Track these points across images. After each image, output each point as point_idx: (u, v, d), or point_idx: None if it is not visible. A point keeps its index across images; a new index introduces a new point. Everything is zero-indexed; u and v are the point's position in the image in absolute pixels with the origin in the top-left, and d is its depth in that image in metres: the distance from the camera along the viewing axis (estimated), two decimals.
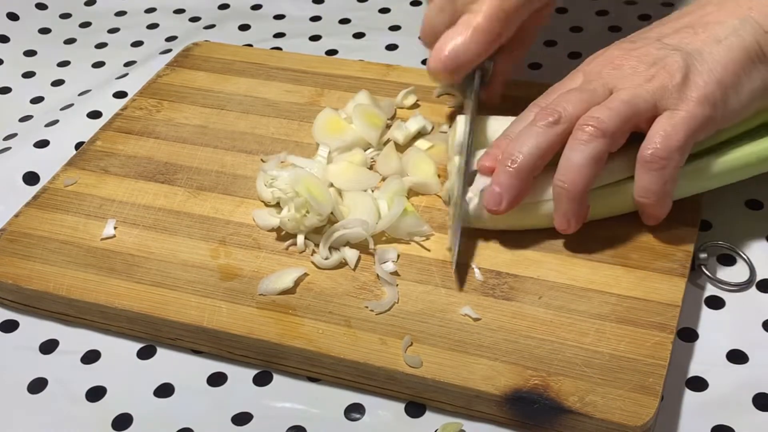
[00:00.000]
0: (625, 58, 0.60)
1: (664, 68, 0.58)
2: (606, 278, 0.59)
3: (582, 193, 0.59)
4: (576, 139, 0.58)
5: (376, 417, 0.56)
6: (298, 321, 0.58)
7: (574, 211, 0.59)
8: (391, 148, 0.69)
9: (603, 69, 0.60)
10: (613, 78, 0.59)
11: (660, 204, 0.59)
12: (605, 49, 0.62)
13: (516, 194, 0.59)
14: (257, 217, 0.65)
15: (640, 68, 0.59)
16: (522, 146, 0.59)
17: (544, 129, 0.59)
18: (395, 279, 0.60)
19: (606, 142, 0.57)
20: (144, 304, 0.60)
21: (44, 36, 0.93)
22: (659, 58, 0.58)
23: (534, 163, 0.59)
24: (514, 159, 0.58)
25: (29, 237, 0.65)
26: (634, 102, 0.58)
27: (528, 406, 0.53)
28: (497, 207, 0.59)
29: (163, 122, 0.75)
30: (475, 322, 0.57)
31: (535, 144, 0.58)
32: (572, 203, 0.59)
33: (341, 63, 0.81)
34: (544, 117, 0.59)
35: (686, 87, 0.57)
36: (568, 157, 0.58)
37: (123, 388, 0.58)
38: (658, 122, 0.58)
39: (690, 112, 0.57)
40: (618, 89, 0.59)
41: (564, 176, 0.58)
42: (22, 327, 0.63)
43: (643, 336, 0.55)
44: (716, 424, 0.54)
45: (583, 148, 0.57)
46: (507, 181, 0.59)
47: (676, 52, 0.58)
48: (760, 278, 0.62)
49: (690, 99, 0.57)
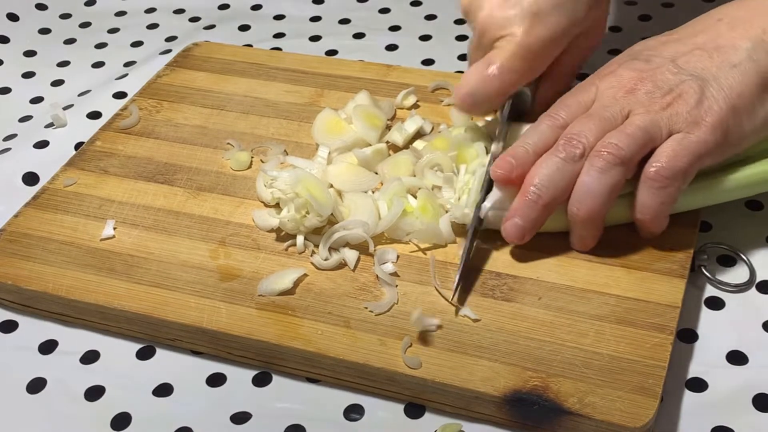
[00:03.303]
0: (641, 82, 0.59)
1: (680, 96, 0.58)
2: (606, 279, 0.59)
3: (599, 219, 0.59)
4: (593, 166, 0.57)
5: (376, 418, 0.56)
6: (297, 322, 0.58)
7: (591, 235, 0.60)
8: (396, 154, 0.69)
9: (618, 93, 0.59)
10: (630, 103, 0.59)
11: (655, 222, 0.59)
12: (618, 64, 0.61)
13: (538, 226, 0.60)
14: (257, 218, 0.65)
15: (656, 94, 0.58)
16: (546, 180, 0.58)
17: (569, 164, 0.58)
18: (395, 280, 0.60)
19: (623, 170, 0.57)
20: (143, 304, 0.60)
21: (44, 36, 0.93)
22: (675, 84, 0.58)
23: (558, 199, 0.59)
24: (539, 194, 0.58)
25: (29, 237, 0.65)
26: (651, 129, 0.57)
27: (527, 408, 0.53)
28: (519, 240, 0.60)
29: (162, 122, 0.75)
30: (475, 323, 0.57)
31: (560, 179, 0.58)
32: (589, 228, 0.59)
33: (341, 63, 0.81)
34: (568, 149, 0.58)
35: (700, 113, 0.57)
36: (585, 183, 0.58)
37: (122, 388, 0.58)
38: (667, 142, 0.58)
39: (701, 138, 0.57)
40: (634, 113, 0.58)
41: (580, 203, 0.58)
42: (21, 327, 0.63)
43: (642, 337, 0.55)
44: (716, 425, 0.54)
45: (600, 176, 0.57)
46: (531, 216, 0.59)
47: (692, 79, 0.58)
48: (760, 279, 0.62)
49: (703, 124, 0.57)
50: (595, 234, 0.60)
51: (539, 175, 0.59)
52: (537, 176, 0.59)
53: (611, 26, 0.87)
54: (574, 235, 0.60)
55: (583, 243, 0.61)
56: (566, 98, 0.62)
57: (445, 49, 0.86)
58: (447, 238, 0.62)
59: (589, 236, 0.60)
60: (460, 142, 0.66)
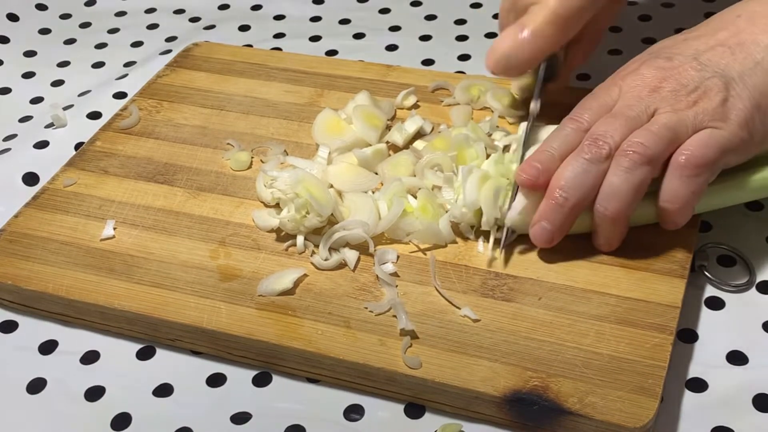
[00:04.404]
0: (665, 80, 0.59)
1: (705, 93, 0.58)
2: (606, 279, 0.59)
3: (625, 219, 0.59)
4: (620, 165, 0.57)
5: (376, 418, 0.56)
6: (297, 322, 0.58)
7: (616, 235, 0.60)
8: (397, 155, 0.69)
9: (642, 92, 0.59)
10: (654, 101, 0.58)
11: (683, 212, 0.59)
12: (640, 63, 0.61)
13: (566, 230, 0.60)
14: (257, 218, 0.65)
15: (681, 92, 0.58)
16: (573, 183, 0.58)
17: (595, 165, 0.58)
18: (395, 280, 0.60)
19: (650, 169, 0.57)
20: (143, 304, 0.60)
21: (44, 36, 0.93)
22: (700, 82, 0.58)
23: (585, 201, 0.59)
24: (567, 198, 0.58)
25: (29, 237, 0.65)
26: (677, 128, 0.57)
27: (527, 408, 0.53)
28: (548, 244, 0.60)
29: (162, 123, 0.75)
30: (475, 323, 0.57)
31: (586, 181, 0.58)
32: (615, 227, 0.59)
33: (341, 63, 0.81)
34: (594, 150, 0.58)
35: (726, 110, 0.57)
36: (611, 183, 0.58)
37: (122, 388, 0.58)
38: (696, 135, 0.57)
39: (731, 132, 0.57)
40: (659, 112, 0.58)
41: (607, 203, 0.58)
42: (21, 327, 0.63)
43: (642, 337, 0.55)
44: (716, 425, 0.54)
45: (627, 176, 0.57)
46: (559, 219, 0.59)
47: (716, 76, 0.58)
48: (760, 279, 0.62)
49: (731, 121, 0.57)
50: (622, 234, 0.60)
51: (565, 178, 0.58)
52: (563, 179, 0.58)
53: (611, 26, 0.87)
54: (600, 235, 0.60)
55: (608, 243, 0.60)
56: (588, 100, 0.62)
57: (445, 49, 0.86)
58: (447, 238, 0.62)
59: (615, 236, 0.60)
60: (460, 142, 0.66)
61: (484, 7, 0.92)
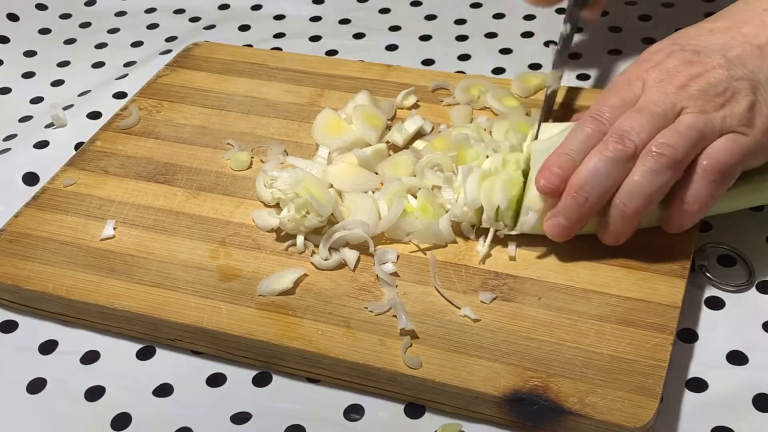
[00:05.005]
0: (693, 80, 0.58)
1: (733, 96, 0.57)
2: (606, 279, 0.59)
3: (641, 217, 0.58)
4: (646, 166, 0.56)
5: (376, 418, 0.56)
6: (297, 322, 0.58)
7: (628, 231, 0.59)
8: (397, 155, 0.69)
9: (668, 88, 0.58)
10: (682, 99, 0.57)
11: (698, 215, 0.58)
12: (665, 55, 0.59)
13: (582, 226, 0.59)
14: (257, 218, 0.65)
15: (710, 93, 0.57)
16: (595, 183, 0.57)
17: (620, 164, 0.57)
18: (395, 280, 0.60)
19: (676, 173, 0.57)
20: (143, 304, 0.60)
21: (44, 36, 0.93)
22: (728, 83, 0.57)
23: (604, 199, 0.58)
24: (587, 198, 0.57)
25: (29, 237, 0.65)
26: (704, 130, 0.57)
27: (527, 408, 0.53)
28: (562, 239, 0.59)
29: (162, 123, 0.75)
30: (475, 323, 0.57)
31: (608, 180, 0.57)
32: (629, 224, 0.58)
33: (341, 63, 0.81)
34: (618, 148, 0.57)
35: (753, 116, 0.57)
36: (635, 182, 0.57)
37: (122, 388, 0.58)
38: (721, 139, 0.57)
39: (755, 139, 0.57)
40: (686, 111, 0.57)
41: (629, 201, 0.57)
42: (21, 327, 0.63)
43: (642, 337, 0.55)
44: (716, 425, 0.54)
45: (652, 178, 0.56)
46: (576, 217, 0.58)
47: (744, 79, 0.57)
48: (760, 279, 0.62)
49: (756, 127, 0.57)
50: (633, 230, 0.59)
51: (587, 178, 0.57)
52: (584, 178, 0.57)
53: (611, 26, 0.87)
54: (610, 230, 0.59)
55: (617, 238, 0.59)
56: (609, 95, 0.60)
57: (445, 49, 0.86)
58: (447, 237, 0.62)
59: (626, 232, 0.59)
60: (460, 142, 0.66)
61: (484, 7, 0.92)
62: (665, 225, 0.60)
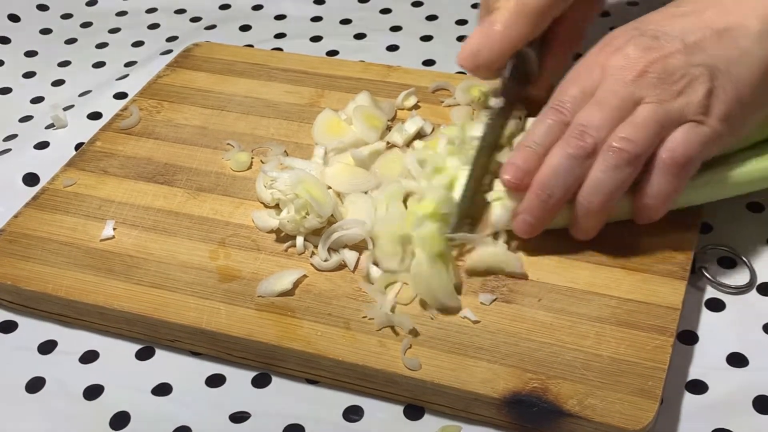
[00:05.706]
0: (651, 65, 0.57)
1: (690, 84, 0.57)
2: (606, 281, 0.59)
3: (607, 211, 0.59)
4: (606, 161, 0.57)
5: (375, 419, 0.56)
6: (296, 323, 0.58)
7: (596, 226, 0.60)
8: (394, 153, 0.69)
9: (627, 76, 0.58)
10: (640, 88, 0.57)
11: (662, 208, 0.59)
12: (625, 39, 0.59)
13: (548, 222, 0.60)
14: (256, 219, 0.65)
15: (667, 80, 0.57)
16: (557, 180, 0.58)
17: (580, 161, 0.57)
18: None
19: (637, 166, 0.57)
20: (143, 305, 0.60)
21: (45, 36, 0.93)
22: (686, 70, 0.57)
23: (568, 195, 0.58)
24: (550, 195, 0.58)
25: (28, 238, 0.65)
26: (663, 121, 0.57)
27: (527, 410, 0.53)
28: (529, 235, 0.60)
29: (163, 123, 0.75)
30: (475, 324, 0.57)
31: (570, 177, 0.58)
32: (596, 219, 0.59)
33: (342, 64, 0.81)
34: (578, 145, 0.57)
35: (711, 103, 0.57)
36: (597, 178, 0.57)
37: (121, 387, 0.58)
38: (679, 130, 0.57)
39: (713, 128, 0.57)
40: (645, 102, 0.57)
41: (592, 197, 0.58)
42: (20, 328, 0.63)
43: (643, 339, 0.55)
44: (716, 427, 0.54)
45: (613, 173, 0.57)
46: (541, 214, 0.59)
47: (702, 66, 0.57)
48: (761, 281, 0.62)
49: (714, 115, 0.57)
50: (601, 224, 0.60)
51: (549, 176, 0.58)
52: (547, 176, 0.58)
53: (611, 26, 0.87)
54: (580, 226, 0.60)
55: (587, 233, 0.60)
56: (569, 85, 0.60)
57: (446, 49, 0.86)
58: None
59: (594, 227, 0.60)
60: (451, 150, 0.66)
61: None
62: (635, 218, 0.60)
